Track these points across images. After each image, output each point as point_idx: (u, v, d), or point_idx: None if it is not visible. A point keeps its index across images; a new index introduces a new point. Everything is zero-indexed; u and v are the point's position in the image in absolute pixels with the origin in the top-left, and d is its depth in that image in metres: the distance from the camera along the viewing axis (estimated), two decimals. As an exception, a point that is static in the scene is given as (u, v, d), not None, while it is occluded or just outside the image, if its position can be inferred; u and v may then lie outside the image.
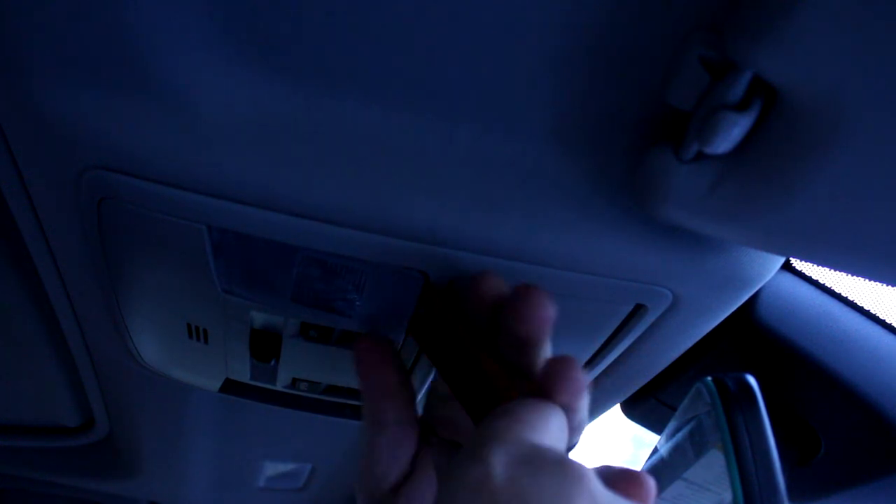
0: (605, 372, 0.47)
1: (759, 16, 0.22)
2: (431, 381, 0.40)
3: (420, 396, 0.50)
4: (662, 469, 0.49)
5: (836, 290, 0.52)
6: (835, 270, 0.47)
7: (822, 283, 0.52)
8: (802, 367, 0.49)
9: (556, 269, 0.36)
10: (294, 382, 0.51)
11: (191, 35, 0.28)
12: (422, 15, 0.28)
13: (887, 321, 0.51)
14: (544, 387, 0.28)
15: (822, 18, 0.21)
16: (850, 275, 0.40)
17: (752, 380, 0.42)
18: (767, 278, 0.39)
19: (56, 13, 0.27)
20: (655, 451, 0.52)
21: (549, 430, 0.26)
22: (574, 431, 0.29)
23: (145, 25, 0.27)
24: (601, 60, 0.29)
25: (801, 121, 0.24)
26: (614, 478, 0.27)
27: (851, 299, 0.51)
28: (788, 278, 0.52)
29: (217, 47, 0.29)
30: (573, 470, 0.24)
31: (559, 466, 0.23)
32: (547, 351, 0.32)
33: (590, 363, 0.46)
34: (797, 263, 0.52)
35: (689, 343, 0.45)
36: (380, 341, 0.37)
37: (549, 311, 0.30)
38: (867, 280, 0.41)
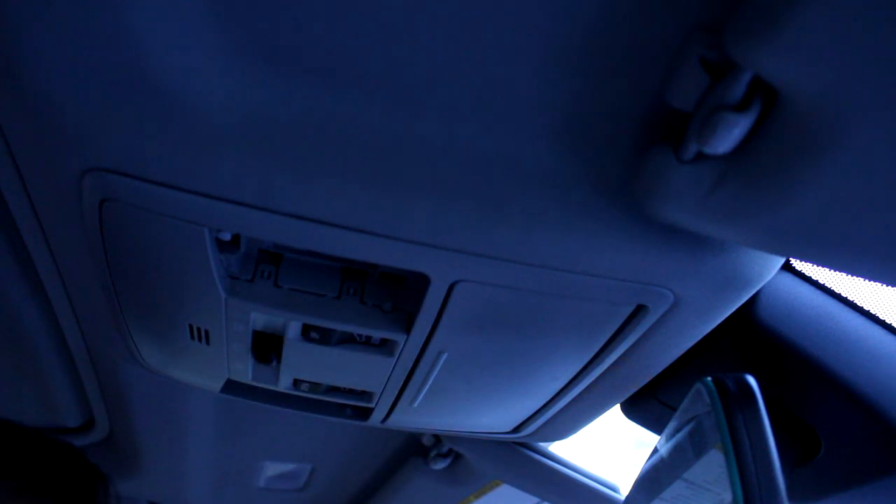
0: (605, 372, 0.47)
1: (759, 16, 0.22)
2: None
3: (420, 398, 0.50)
4: (662, 469, 0.49)
5: (836, 290, 0.51)
6: (835, 270, 0.47)
7: (822, 283, 0.52)
8: (802, 367, 0.49)
9: (556, 271, 0.36)
10: (295, 383, 0.51)
11: (190, 38, 0.28)
12: (421, 16, 0.28)
13: (887, 321, 0.51)
14: None
15: (821, 19, 0.21)
16: (850, 275, 0.40)
17: (752, 380, 0.42)
18: (767, 278, 0.39)
19: (57, 16, 0.27)
20: (655, 451, 0.51)
21: None
22: None
23: (145, 28, 0.27)
24: (601, 61, 0.29)
25: (800, 121, 0.24)
26: None
27: (851, 299, 0.51)
28: (788, 278, 0.52)
29: (217, 50, 0.29)
30: None
31: None
32: None
33: (590, 363, 0.46)
34: (797, 263, 0.52)
35: (690, 343, 0.45)
36: None
37: None
38: (867, 280, 0.41)
